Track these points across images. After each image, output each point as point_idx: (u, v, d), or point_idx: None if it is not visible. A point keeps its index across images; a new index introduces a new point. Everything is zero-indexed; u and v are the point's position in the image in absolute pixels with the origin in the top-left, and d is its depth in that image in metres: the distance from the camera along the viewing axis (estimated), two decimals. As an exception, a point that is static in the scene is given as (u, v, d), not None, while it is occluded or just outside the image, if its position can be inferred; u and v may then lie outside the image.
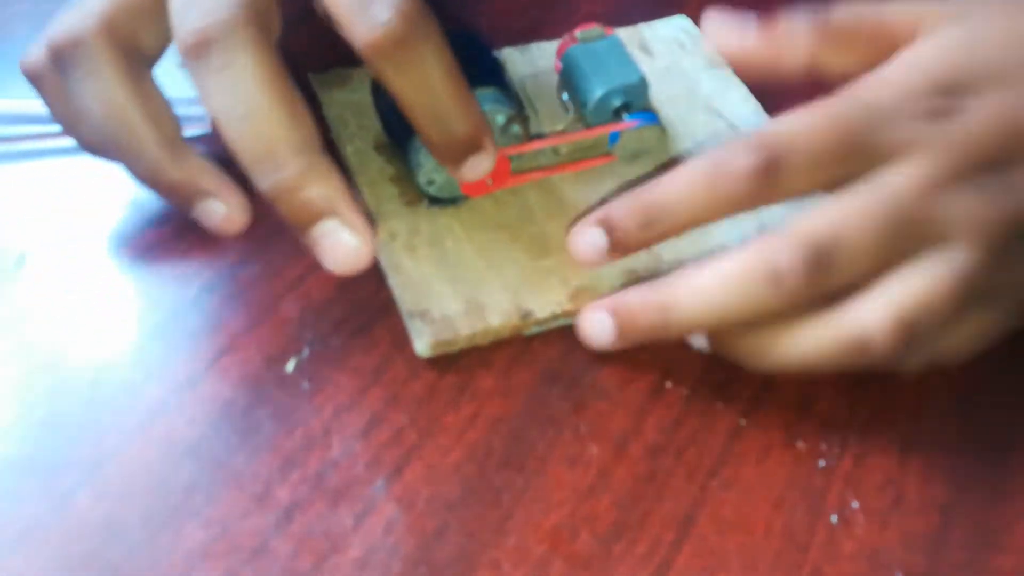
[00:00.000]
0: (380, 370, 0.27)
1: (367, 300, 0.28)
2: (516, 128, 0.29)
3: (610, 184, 0.30)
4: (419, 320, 0.27)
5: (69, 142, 0.31)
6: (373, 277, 0.29)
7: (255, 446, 0.25)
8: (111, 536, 0.23)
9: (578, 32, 0.31)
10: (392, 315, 0.28)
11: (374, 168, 0.31)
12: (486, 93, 0.28)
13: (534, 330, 0.28)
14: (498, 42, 0.35)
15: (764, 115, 0.33)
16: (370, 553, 0.23)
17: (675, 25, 0.36)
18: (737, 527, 0.24)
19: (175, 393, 0.25)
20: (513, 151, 0.29)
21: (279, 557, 0.23)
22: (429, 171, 0.29)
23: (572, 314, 0.27)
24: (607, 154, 0.30)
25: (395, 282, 0.28)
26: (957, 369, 0.28)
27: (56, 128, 0.31)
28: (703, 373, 0.27)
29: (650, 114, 0.29)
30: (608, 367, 0.27)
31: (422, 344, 0.27)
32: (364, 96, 0.31)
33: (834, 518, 0.25)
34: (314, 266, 0.29)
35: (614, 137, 0.29)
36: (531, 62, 0.34)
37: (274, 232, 0.29)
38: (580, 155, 0.31)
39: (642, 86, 0.30)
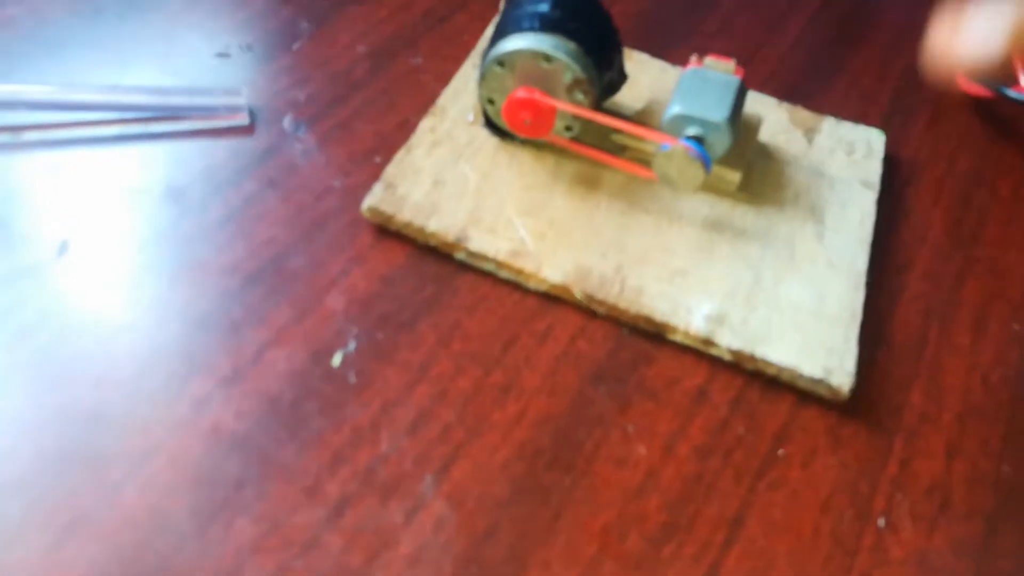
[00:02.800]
0: (426, 366, 0.26)
1: (411, 295, 0.28)
2: (580, 96, 0.29)
3: (643, 201, 0.30)
4: (382, 186, 0.29)
5: (111, 131, 0.31)
6: (416, 274, 0.29)
7: (304, 440, 0.24)
8: (160, 529, 0.22)
9: (708, 58, 0.31)
10: (436, 312, 0.28)
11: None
12: (569, 46, 0.28)
13: (461, 256, 0.29)
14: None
15: (865, 252, 0.30)
16: (421, 550, 0.23)
17: (863, 132, 0.34)
18: (786, 530, 0.24)
19: (221, 387, 0.25)
20: (567, 107, 0.29)
21: (331, 552, 0.22)
22: (492, 89, 0.30)
23: (503, 268, 0.28)
24: (650, 169, 0.29)
25: (398, 157, 0.30)
26: (1001, 374, 0.28)
27: (103, 116, 0.31)
28: (747, 377, 0.27)
29: (706, 154, 0.28)
30: (654, 368, 0.27)
31: (366, 203, 0.29)
32: None
33: (881, 522, 0.25)
34: (358, 260, 0.29)
35: (665, 148, 0.28)
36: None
37: (318, 225, 0.29)
38: (630, 155, 0.31)
39: (720, 128, 0.28)
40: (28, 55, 0.33)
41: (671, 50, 0.37)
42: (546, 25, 0.28)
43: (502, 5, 0.31)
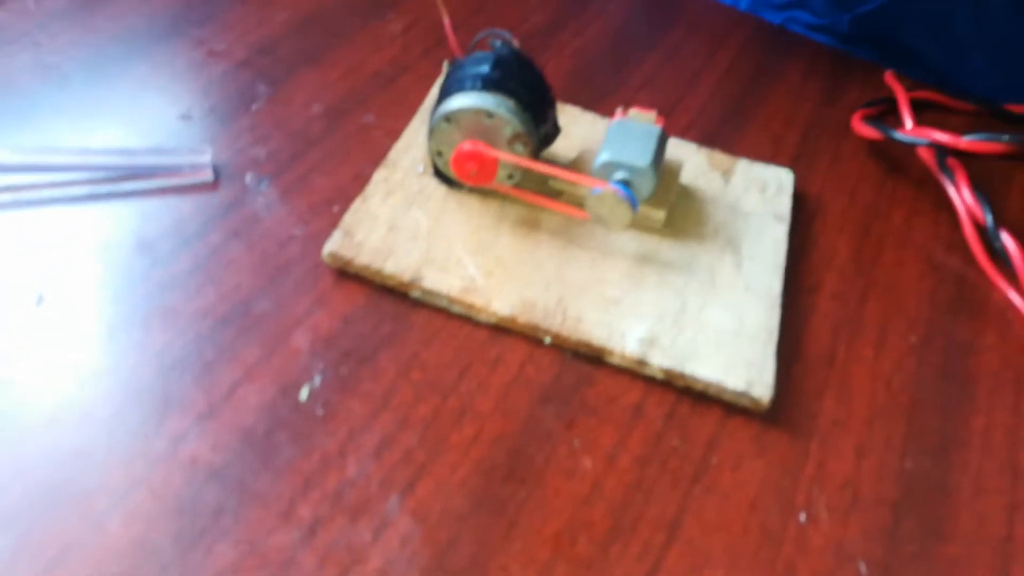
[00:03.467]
0: (388, 396, 0.29)
1: (371, 332, 0.30)
2: (520, 147, 0.32)
3: (579, 239, 0.33)
4: (341, 233, 0.32)
5: (82, 191, 0.33)
6: (375, 312, 0.31)
7: (276, 468, 0.26)
8: (144, 556, 0.24)
9: (632, 110, 0.34)
10: (395, 346, 0.30)
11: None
12: (508, 103, 0.31)
13: (416, 295, 0.31)
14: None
15: (779, 278, 0.33)
16: (390, 564, 0.25)
17: (773, 172, 0.38)
18: (719, 528, 0.27)
19: (197, 422, 0.27)
20: (508, 158, 0.32)
21: (306, 570, 0.24)
22: (440, 142, 0.33)
23: (455, 303, 0.31)
24: (584, 211, 0.32)
25: (355, 206, 0.33)
26: (901, 380, 0.32)
27: (74, 176, 0.33)
28: (679, 393, 0.30)
29: (633, 196, 0.31)
30: (595, 388, 0.30)
31: (327, 249, 0.31)
32: None
33: (802, 516, 0.28)
34: (320, 301, 0.31)
35: (596, 191, 0.31)
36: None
37: (282, 271, 0.32)
38: (566, 199, 0.34)
39: (645, 172, 0.32)
40: (-2, 122, 0.35)
41: (600, 104, 0.41)
42: (487, 85, 0.31)
43: (446, 67, 0.34)
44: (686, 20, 0.48)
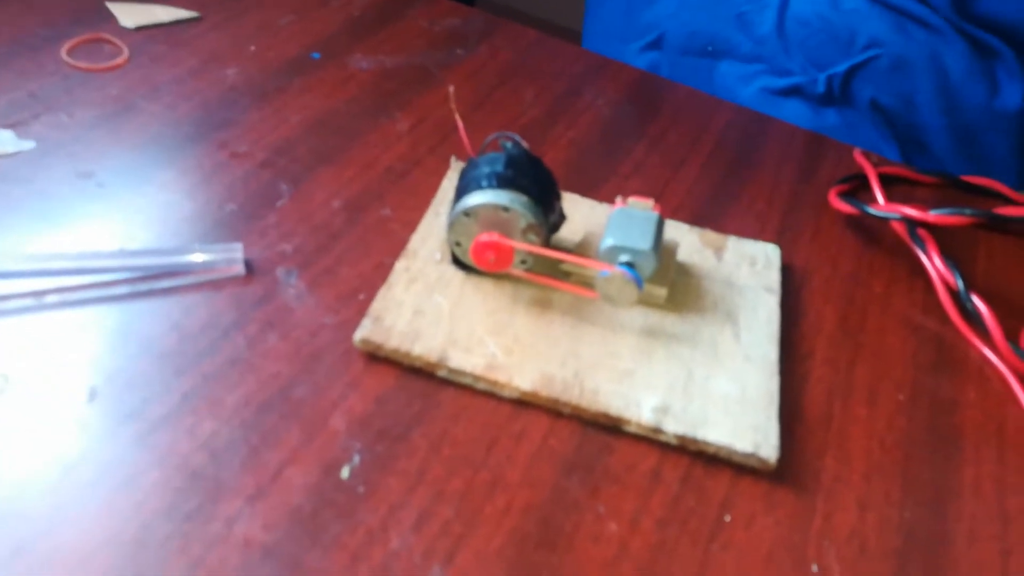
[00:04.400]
0: (422, 471, 0.31)
1: (403, 411, 0.32)
2: (533, 236, 0.35)
3: (589, 316, 0.36)
4: (370, 320, 0.34)
5: (123, 289, 0.35)
6: (405, 392, 0.33)
7: (325, 544, 0.28)
8: (206, 635, 0.25)
9: (631, 199, 0.38)
10: (426, 423, 0.32)
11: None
12: (522, 199, 0.35)
13: (443, 374, 0.33)
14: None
15: (775, 346, 0.36)
16: (436, 631, 0.26)
17: (761, 247, 0.41)
18: (738, 583, 0.29)
19: (248, 504, 0.29)
20: (523, 247, 0.35)
21: (359, 640, 0.26)
22: (459, 234, 0.36)
23: (480, 380, 0.33)
24: (593, 290, 0.35)
25: (381, 294, 0.36)
26: (893, 437, 0.34)
27: (115, 276, 0.35)
28: (692, 457, 0.33)
29: (638, 276, 0.34)
30: (614, 456, 0.32)
31: (358, 335, 0.34)
32: None
33: (815, 567, 0.30)
34: (353, 385, 0.33)
35: (604, 274, 0.34)
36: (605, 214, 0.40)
37: (315, 358, 0.34)
38: (575, 280, 0.37)
39: (647, 255, 0.35)
40: (38, 230, 0.37)
41: (595, 190, 0.44)
42: (502, 182, 0.35)
43: (453, 162, 0.37)
44: (669, 110, 0.52)
